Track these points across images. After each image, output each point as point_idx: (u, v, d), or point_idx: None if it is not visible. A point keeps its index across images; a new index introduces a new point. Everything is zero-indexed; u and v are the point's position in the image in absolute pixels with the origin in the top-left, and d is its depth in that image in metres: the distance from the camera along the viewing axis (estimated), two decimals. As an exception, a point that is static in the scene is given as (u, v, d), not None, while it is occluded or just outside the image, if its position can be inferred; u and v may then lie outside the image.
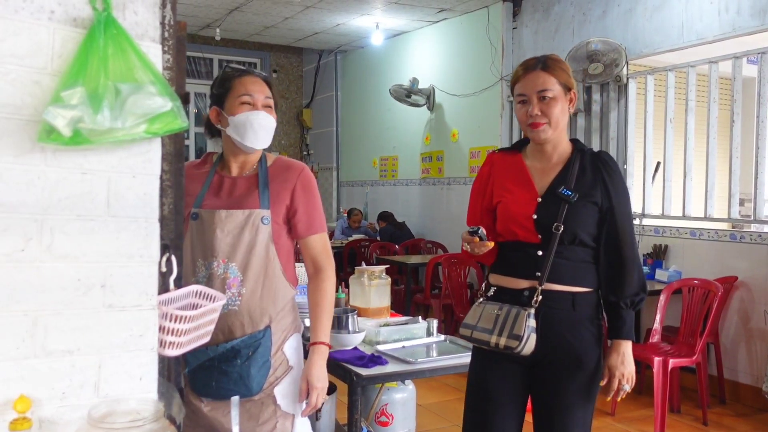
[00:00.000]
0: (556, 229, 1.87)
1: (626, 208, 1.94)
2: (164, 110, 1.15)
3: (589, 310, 1.91)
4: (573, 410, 1.89)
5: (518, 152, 2.04)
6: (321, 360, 1.87)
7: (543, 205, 1.92)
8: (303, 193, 1.91)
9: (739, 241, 4.45)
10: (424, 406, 4.02)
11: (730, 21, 4.48)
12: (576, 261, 1.91)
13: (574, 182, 1.91)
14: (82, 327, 1.18)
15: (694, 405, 4.23)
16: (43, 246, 1.14)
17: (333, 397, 2.85)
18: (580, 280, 1.91)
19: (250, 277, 1.85)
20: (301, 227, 1.92)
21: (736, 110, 4.58)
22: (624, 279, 1.90)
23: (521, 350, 1.85)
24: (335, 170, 9.29)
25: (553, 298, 1.89)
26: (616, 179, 1.93)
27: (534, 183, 1.96)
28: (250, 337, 1.84)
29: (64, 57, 1.14)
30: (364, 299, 3.03)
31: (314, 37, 8.31)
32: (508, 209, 1.96)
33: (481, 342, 1.94)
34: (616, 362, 1.91)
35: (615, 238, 1.91)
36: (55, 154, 1.14)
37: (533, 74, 1.92)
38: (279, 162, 1.97)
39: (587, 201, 1.90)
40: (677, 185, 5.01)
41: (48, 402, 1.15)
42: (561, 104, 1.91)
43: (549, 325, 1.88)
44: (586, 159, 1.95)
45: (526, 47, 6.16)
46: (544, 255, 1.89)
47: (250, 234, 1.85)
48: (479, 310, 1.97)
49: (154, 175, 1.25)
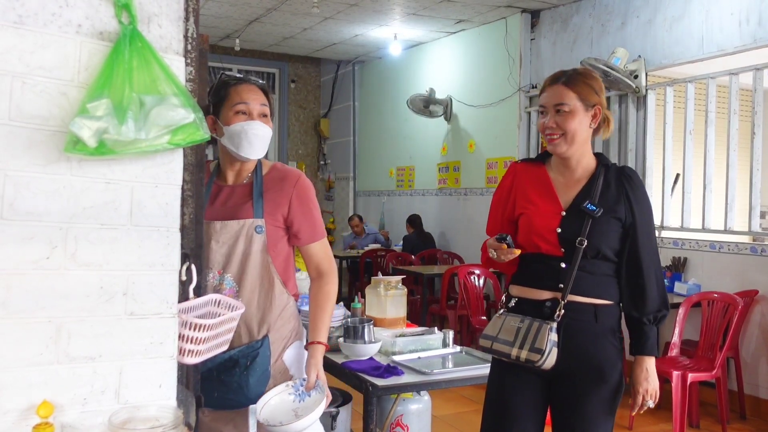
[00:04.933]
0: (580, 244, 1.87)
1: (649, 224, 1.94)
2: (187, 122, 1.17)
3: (611, 323, 1.91)
4: (594, 424, 1.88)
5: (542, 164, 2.04)
6: (321, 357, 1.88)
7: (567, 219, 1.92)
8: (300, 203, 1.92)
9: (760, 254, 4.39)
10: (440, 418, 4.01)
11: (750, 32, 4.45)
12: (598, 275, 1.91)
13: (599, 197, 1.91)
14: (105, 334, 1.20)
15: (713, 420, 4.16)
16: (67, 254, 1.16)
17: (348, 407, 2.85)
18: (603, 293, 1.90)
19: (245, 287, 1.86)
20: (302, 236, 1.94)
21: (757, 122, 4.53)
22: (646, 295, 1.89)
23: (542, 364, 1.85)
24: (352, 180, 9.32)
25: (576, 310, 1.88)
26: (639, 195, 1.94)
27: (558, 196, 1.96)
28: (248, 347, 1.85)
29: (91, 69, 1.16)
30: (380, 309, 3.04)
31: (332, 48, 8.37)
32: (532, 222, 1.95)
33: (501, 354, 1.93)
34: (640, 378, 1.90)
35: (637, 254, 1.90)
36: (81, 164, 1.17)
37: (554, 87, 1.93)
38: (275, 170, 1.97)
39: (611, 216, 1.90)
40: (697, 197, 4.96)
41: (70, 408, 1.17)
42: (578, 118, 1.90)
43: (571, 338, 1.87)
44: (610, 174, 1.95)
45: (545, 58, 6.15)
46: (567, 267, 1.88)
47: (244, 244, 1.86)
48: (500, 321, 1.96)
49: (176, 185, 1.27)
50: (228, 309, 1.51)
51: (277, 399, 1.78)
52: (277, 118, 9.82)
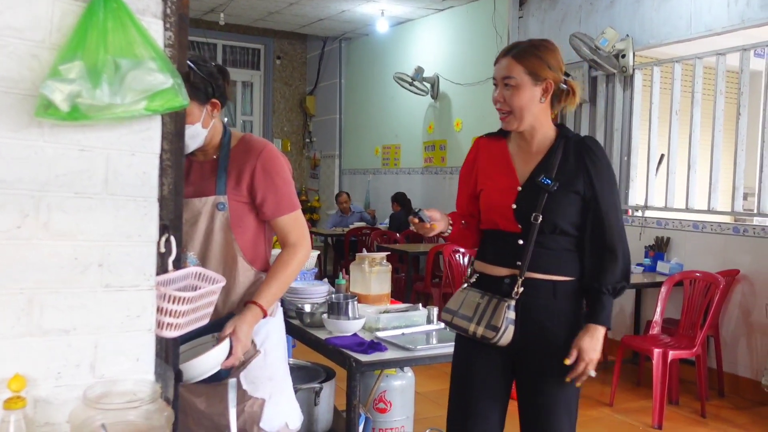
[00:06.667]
0: (535, 219, 1.84)
1: (611, 195, 1.88)
2: (165, 87, 1.13)
3: (570, 300, 1.88)
4: (555, 400, 1.87)
5: (503, 138, 1.99)
6: (251, 319, 1.79)
7: (523, 194, 1.88)
8: (264, 175, 1.86)
9: (742, 234, 4.43)
10: (423, 394, 4.02)
11: (739, 13, 4.43)
12: (557, 250, 1.87)
13: (556, 170, 1.86)
14: (79, 306, 1.16)
15: (692, 397, 4.22)
16: (39, 223, 1.12)
17: (332, 383, 2.84)
18: (562, 269, 1.87)
19: (209, 265, 1.82)
20: (267, 210, 1.88)
21: (743, 103, 4.54)
22: (607, 266, 1.85)
23: (498, 341, 1.84)
24: (338, 158, 9.26)
25: (534, 287, 1.86)
26: (600, 166, 1.87)
27: (516, 171, 1.92)
28: (213, 324, 1.81)
29: (63, 30, 1.11)
30: (364, 286, 3.02)
31: (319, 24, 8.25)
32: (490, 198, 1.92)
33: (460, 329, 1.93)
34: (588, 345, 1.83)
35: (599, 227, 1.86)
36: (53, 129, 1.12)
37: (503, 60, 1.87)
38: (242, 142, 1.92)
39: (569, 190, 1.85)
40: (681, 178, 4.98)
41: (43, 382, 1.14)
42: (526, 93, 1.84)
43: (529, 315, 1.85)
44: (570, 146, 1.90)
45: (532, 36, 6.09)
46: (524, 244, 1.85)
47: (206, 222, 1.83)
48: (462, 296, 1.95)
49: (154, 153, 1.23)
50: (209, 282, 1.48)
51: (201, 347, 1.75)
52: (262, 95, 9.70)
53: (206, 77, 1.82)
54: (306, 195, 9.75)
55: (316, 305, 2.81)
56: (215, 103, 1.86)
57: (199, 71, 1.80)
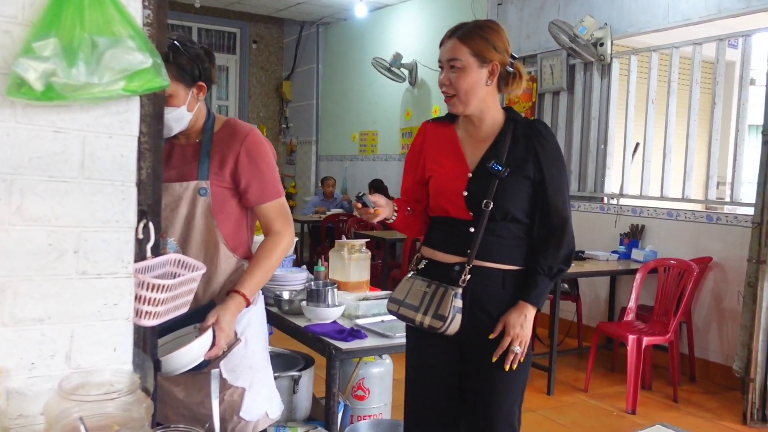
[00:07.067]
0: (486, 206, 1.80)
1: (559, 179, 1.84)
2: (144, 67, 1.08)
3: (519, 289, 1.85)
4: (499, 391, 1.84)
5: (451, 123, 1.95)
6: (234, 308, 1.76)
7: (474, 180, 1.84)
8: (249, 161, 1.82)
9: (715, 222, 4.50)
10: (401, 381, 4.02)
11: (716, 2, 4.47)
12: (508, 238, 1.84)
13: (506, 155, 1.83)
14: (54, 294, 1.12)
15: (665, 382, 4.30)
16: (12, 208, 1.08)
17: (310, 371, 2.82)
18: (512, 258, 1.85)
19: (189, 251, 1.79)
20: (250, 196, 1.84)
21: (718, 93, 4.60)
22: (549, 248, 1.83)
23: (445, 330, 1.81)
24: (314, 144, 9.18)
25: (483, 276, 1.83)
26: (549, 149, 1.84)
27: (465, 157, 1.88)
28: (194, 313, 1.77)
29: (36, 6, 1.06)
30: (343, 273, 3.00)
31: (296, 8, 8.14)
32: (439, 185, 1.88)
33: (407, 319, 1.90)
34: (515, 322, 1.80)
35: (547, 210, 1.83)
36: (26, 110, 1.07)
37: (449, 41, 1.84)
38: (226, 126, 1.88)
39: (519, 176, 1.82)
40: (656, 166, 5.03)
41: (16, 372, 1.10)
42: (472, 76, 1.80)
43: (477, 303, 1.83)
44: (519, 129, 1.86)
45: (511, 24, 6.09)
46: (475, 231, 1.82)
47: (187, 207, 1.80)
48: (408, 284, 1.92)
49: (132, 136, 1.19)
50: (189, 269, 1.44)
51: (183, 338, 1.72)
52: (238, 80, 9.56)
53: (193, 59, 1.77)
54: (282, 181, 9.66)
55: (295, 292, 2.78)
56: (201, 86, 1.81)
57: (186, 52, 1.75)
